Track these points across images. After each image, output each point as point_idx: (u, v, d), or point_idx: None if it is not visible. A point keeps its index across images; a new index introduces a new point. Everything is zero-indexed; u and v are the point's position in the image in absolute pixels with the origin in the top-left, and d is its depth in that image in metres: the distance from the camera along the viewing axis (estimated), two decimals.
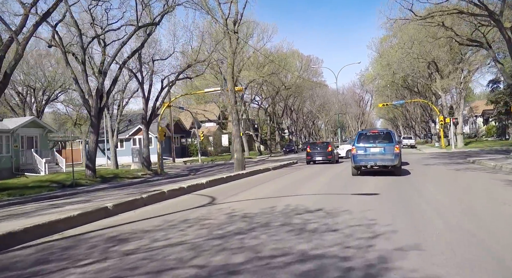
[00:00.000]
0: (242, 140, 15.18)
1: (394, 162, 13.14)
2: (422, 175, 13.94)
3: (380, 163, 13.31)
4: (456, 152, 31.56)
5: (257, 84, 49.18)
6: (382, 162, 13.29)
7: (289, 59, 48.88)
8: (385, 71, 45.06)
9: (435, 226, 5.53)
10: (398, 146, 13.56)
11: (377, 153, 13.44)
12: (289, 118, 72.39)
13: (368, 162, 13.44)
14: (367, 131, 14.31)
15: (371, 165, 13.45)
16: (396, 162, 13.15)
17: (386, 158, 13.26)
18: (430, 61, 35.75)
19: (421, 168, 16.92)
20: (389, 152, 13.29)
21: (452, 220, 5.94)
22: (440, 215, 6.35)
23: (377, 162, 13.34)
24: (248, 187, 11.76)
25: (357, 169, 14.01)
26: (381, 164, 13.33)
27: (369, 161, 13.43)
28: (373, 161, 13.36)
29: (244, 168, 16.97)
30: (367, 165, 13.47)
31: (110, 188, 16.82)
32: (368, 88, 68.18)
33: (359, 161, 13.61)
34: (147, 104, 25.96)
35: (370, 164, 13.41)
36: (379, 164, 13.34)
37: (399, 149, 13.55)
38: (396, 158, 13.16)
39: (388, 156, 13.27)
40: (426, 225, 5.61)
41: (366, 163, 13.47)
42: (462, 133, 37.27)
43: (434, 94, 46.26)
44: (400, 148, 14.02)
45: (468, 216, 6.22)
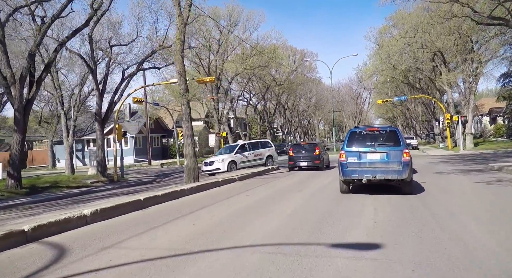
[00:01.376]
0: (195, 142, 11.14)
1: (403, 174, 8.93)
2: (442, 192, 9.67)
3: (382, 175, 9.10)
4: (467, 154, 27.33)
5: (243, 78, 44.89)
6: (384, 175, 9.08)
7: (279, 51, 44.50)
8: (384, 66, 40.84)
9: None
10: (407, 151, 9.20)
11: (377, 161, 9.24)
12: (282, 117, 68.09)
13: (363, 174, 9.20)
14: (363, 130, 9.88)
15: (367, 179, 9.18)
16: (405, 174, 8.93)
17: (391, 169, 9.05)
18: (435, 52, 31.51)
19: (435, 179, 12.67)
20: (395, 159, 9.11)
21: None
22: None
23: (376, 175, 9.11)
24: (171, 217, 7.45)
25: (347, 184, 9.75)
26: (383, 178, 9.10)
27: (366, 172, 9.19)
28: (371, 173, 9.13)
29: (198, 179, 12.68)
30: (362, 178, 9.21)
31: (20, 205, 12.60)
32: (366, 85, 63.84)
33: (350, 172, 9.33)
34: (101, 98, 21.62)
35: (366, 177, 9.17)
36: (380, 178, 9.12)
37: (409, 156, 9.16)
38: (405, 168, 8.95)
39: (393, 166, 9.07)
40: None
41: (361, 176, 9.23)
42: (471, 133, 33.05)
43: (438, 90, 42.14)
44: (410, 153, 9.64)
45: None
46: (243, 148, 21.72)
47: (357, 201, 8.54)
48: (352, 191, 9.97)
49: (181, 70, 12.11)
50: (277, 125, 73.44)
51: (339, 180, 9.83)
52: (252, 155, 21.48)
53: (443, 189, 10.23)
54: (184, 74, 12.27)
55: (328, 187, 11.28)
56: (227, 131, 43.79)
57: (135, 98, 28.91)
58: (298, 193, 10.35)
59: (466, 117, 32.19)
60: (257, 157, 21.69)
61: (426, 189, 10.16)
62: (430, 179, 12.58)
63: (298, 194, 10.14)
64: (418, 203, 8.10)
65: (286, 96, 60.25)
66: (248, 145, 22.27)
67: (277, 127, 75.07)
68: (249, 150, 21.69)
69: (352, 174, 9.29)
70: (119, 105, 22.53)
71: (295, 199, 9.28)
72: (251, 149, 21.88)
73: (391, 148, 9.19)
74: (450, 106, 36.73)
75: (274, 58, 38.86)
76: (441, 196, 9.05)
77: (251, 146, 22.38)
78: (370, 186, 10.25)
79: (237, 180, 13.61)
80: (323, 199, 9.10)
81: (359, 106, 66.22)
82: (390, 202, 8.26)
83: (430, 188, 10.44)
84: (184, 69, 12.49)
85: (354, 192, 9.92)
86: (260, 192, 10.78)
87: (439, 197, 8.84)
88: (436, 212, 6.95)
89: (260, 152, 22.00)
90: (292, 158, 18.69)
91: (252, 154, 21.54)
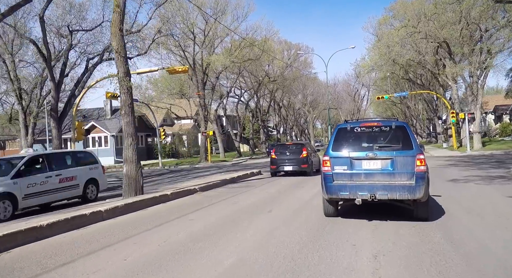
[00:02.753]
0: (136, 143, 8.58)
1: (416, 192, 6.01)
2: (471, 215, 6.75)
3: (384, 194, 6.15)
4: (476, 156, 24.49)
5: (232, 73, 41.91)
6: (388, 193, 6.14)
7: (272, 44, 41.46)
8: (384, 60, 37.97)
9: None
10: (423, 157, 6.27)
11: (377, 172, 6.32)
12: (277, 115, 65.09)
13: (357, 191, 6.29)
14: (357, 125, 6.89)
15: (364, 198, 6.25)
16: (420, 192, 6.00)
17: (398, 184, 6.13)
18: (440, 42, 28.60)
19: (453, 191, 9.75)
20: (404, 169, 6.20)
21: None
22: None
23: (376, 193, 6.18)
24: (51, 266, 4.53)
25: (334, 204, 6.85)
26: (387, 197, 6.17)
27: (360, 189, 6.28)
28: (368, 190, 6.22)
29: (141, 190, 9.71)
30: (355, 197, 6.29)
31: None
32: (365, 82, 60.88)
33: (337, 189, 6.41)
34: (57, 91, 18.63)
35: (361, 195, 6.25)
36: (381, 197, 6.18)
37: (425, 164, 6.24)
38: (420, 183, 6.03)
39: (401, 179, 6.17)
40: None
41: (353, 194, 6.31)
42: (479, 131, 30.17)
43: (441, 86, 39.26)
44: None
45: None
46: (34, 165, 10.49)
47: (347, 236, 5.58)
48: (342, 214, 7.05)
49: (119, 48, 9.16)
50: (272, 124, 70.45)
51: (323, 198, 6.87)
52: (54, 180, 10.55)
53: (470, 209, 7.31)
54: (123, 52, 9.33)
55: (309, 205, 8.32)
56: (215, 129, 40.81)
57: (109, 93, 26.07)
58: (265, 216, 7.38)
59: (473, 115, 29.32)
60: (65, 184, 10.89)
61: (447, 210, 7.24)
62: (446, 191, 9.68)
63: (264, 218, 7.15)
64: (442, 239, 5.17)
65: (281, 93, 57.23)
66: (45, 159, 10.75)
67: (272, 126, 72.12)
68: (48, 169, 10.56)
69: (341, 191, 6.36)
70: (79, 99, 19.53)
71: (254, 229, 6.29)
72: (54, 167, 10.78)
73: (398, 152, 6.28)
74: (455, 102, 33.86)
75: (265, 50, 35.83)
76: (472, 223, 6.14)
77: (53, 160, 11.00)
78: (367, 204, 7.35)
79: (197, 191, 10.65)
80: (295, 230, 6.06)
81: (357, 103, 63.18)
82: (399, 239, 5.32)
83: (451, 207, 7.52)
84: (124, 46, 9.55)
85: (344, 215, 7.00)
86: (213, 214, 7.77)
87: (472, 226, 5.92)
88: (479, 264, 4.02)
89: (71, 173, 11.16)
90: (274, 161, 15.70)
91: (54, 177, 10.59)
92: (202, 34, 33.91)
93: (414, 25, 28.86)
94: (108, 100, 40.70)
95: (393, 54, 32.68)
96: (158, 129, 33.86)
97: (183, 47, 34.19)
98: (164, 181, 18.74)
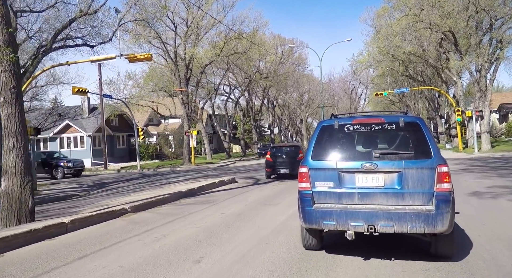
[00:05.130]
0: (25, 146, 6.24)
1: (438, 222, 3.99)
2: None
3: (389, 225, 4.09)
4: (488, 158, 21.71)
5: (220, 68, 39.07)
6: (394, 223, 4.07)
7: (262, 36, 38.61)
8: (382, 55, 35.30)
9: None
10: (446, 170, 4.15)
11: (377, 191, 4.32)
12: (270, 115, 62.23)
13: (348, 219, 4.24)
14: (348, 122, 4.72)
15: (358, 229, 4.21)
16: (443, 222, 3.98)
17: (410, 209, 4.13)
18: (445, 32, 25.80)
19: (478, 209, 6.97)
20: (418, 188, 4.19)
21: None
22: None
23: (377, 223, 4.12)
24: None
25: (315, 235, 4.75)
26: (392, 230, 4.09)
27: (353, 216, 4.23)
28: (365, 218, 4.17)
29: (30, 217, 6.58)
30: (346, 229, 4.25)
31: None
32: (362, 79, 57.97)
33: (320, 215, 4.37)
34: None
35: (355, 226, 4.21)
36: (384, 229, 4.12)
37: (449, 179, 4.12)
38: (443, 208, 4.03)
39: (414, 202, 4.19)
40: None
41: (343, 224, 4.26)
42: (488, 131, 27.37)
43: (444, 82, 36.56)
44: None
45: None
46: None
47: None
48: (326, 247, 4.93)
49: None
50: (267, 124, 67.58)
51: (301, 226, 4.78)
52: None
53: (509, 239, 4.53)
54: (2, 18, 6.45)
55: (282, 235, 5.49)
56: (201, 129, 37.94)
57: (76, 88, 23.20)
58: (194, 269, 4.53)
59: (481, 113, 26.53)
60: None
61: (474, 239, 4.65)
62: (468, 209, 6.91)
63: (193, 271, 4.31)
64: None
65: (275, 91, 54.36)
66: None
67: (267, 125, 69.27)
68: None
69: (324, 220, 4.36)
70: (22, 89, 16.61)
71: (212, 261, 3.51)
72: None
73: (409, 162, 4.30)
74: (460, 100, 31.11)
75: (254, 43, 32.97)
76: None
77: None
78: (359, 242, 4.62)
79: (128, 211, 7.75)
80: None
81: (354, 102, 60.26)
82: None
83: (480, 234, 4.86)
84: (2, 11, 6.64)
85: (330, 249, 4.85)
86: (106, 264, 4.84)
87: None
88: None
89: None
90: (270, 164, 15.05)
91: None
92: (184, 25, 31.05)
93: (416, 13, 26.09)
94: (86, 98, 37.84)
95: (392, 47, 29.93)
96: (136, 129, 30.99)
97: (164, 39, 31.33)
98: (124, 189, 15.84)
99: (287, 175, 14.59)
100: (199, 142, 47.57)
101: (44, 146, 36.06)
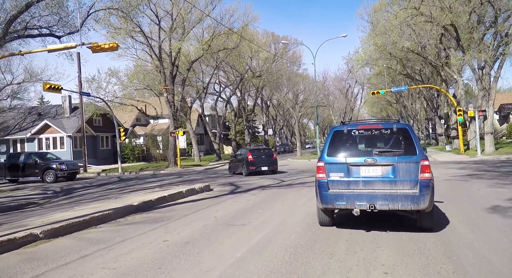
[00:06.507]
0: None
1: (420, 202, 5.39)
2: None
3: (385, 204, 5.47)
4: (494, 162, 20.00)
5: (208, 66, 37.21)
6: (389, 203, 5.45)
7: (254, 33, 36.79)
8: (379, 53, 33.67)
9: None
10: (427, 164, 5.53)
11: (377, 180, 5.68)
12: (264, 115, 60.41)
13: (355, 200, 5.58)
14: (354, 127, 6.18)
15: (362, 208, 5.54)
16: (424, 202, 5.38)
17: (400, 193, 5.51)
18: (446, 26, 24.07)
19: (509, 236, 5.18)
20: (406, 177, 5.58)
21: None
22: None
23: (376, 202, 5.50)
24: None
25: (329, 214, 6.17)
26: (387, 208, 5.47)
27: (358, 198, 5.57)
28: (367, 200, 5.53)
29: None
30: (353, 207, 5.60)
31: None
32: (358, 79, 56.15)
33: (333, 198, 5.73)
34: None
35: (359, 205, 5.55)
36: (381, 207, 5.49)
37: (430, 171, 5.54)
38: (424, 192, 5.41)
39: (404, 188, 5.56)
40: None
41: (351, 204, 5.59)
42: (492, 132, 25.67)
43: (444, 80, 34.92)
44: None
45: None
46: None
47: None
48: (338, 224, 6.16)
49: None
50: (260, 125, 65.75)
51: (317, 207, 6.21)
52: None
53: None
54: None
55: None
56: (189, 129, 36.05)
57: (47, 84, 21.24)
58: None
59: (485, 113, 24.81)
60: None
61: None
62: (498, 236, 5.09)
63: None
64: None
65: (269, 90, 52.49)
66: None
67: (258, 126, 67.47)
68: None
69: (337, 201, 5.74)
70: None
71: None
72: None
73: (400, 157, 5.71)
74: (462, 99, 29.44)
75: (244, 37, 31.13)
76: None
77: None
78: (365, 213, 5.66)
79: (40, 238, 5.64)
80: None
81: (350, 102, 58.47)
82: None
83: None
84: None
85: (339, 225, 6.06)
86: None
87: None
88: None
89: None
90: (252, 163, 18.23)
91: None
92: (169, 18, 29.16)
93: (416, 6, 24.36)
94: (67, 96, 35.85)
95: (390, 43, 28.23)
96: (118, 129, 29.02)
97: (148, 34, 29.44)
98: (88, 197, 13.88)
99: (268, 171, 18.27)
100: (189, 143, 45.68)
101: (21, 147, 34.02)
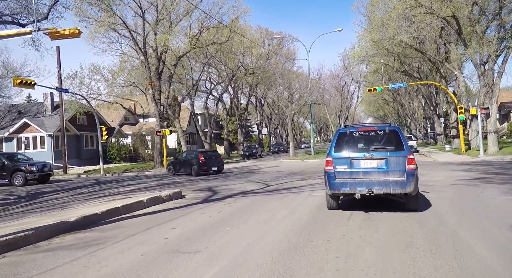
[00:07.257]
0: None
1: (407, 187, 7.11)
2: None
3: (380, 189, 7.27)
4: (499, 162, 18.54)
5: (198, 62, 35.60)
6: (383, 188, 7.25)
7: (247, 28, 35.19)
8: (376, 49, 32.22)
9: None
10: (412, 157, 7.27)
11: (373, 170, 7.44)
12: (258, 114, 58.86)
13: (356, 187, 7.36)
14: (355, 130, 7.99)
15: (362, 192, 7.29)
16: (410, 187, 7.10)
17: (392, 180, 7.23)
18: (448, 17, 22.59)
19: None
20: (396, 167, 7.28)
21: None
22: None
23: (373, 188, 7.27)
24: None
25: (336, 199, 7.95)
26: (382, 192, 7.28)
27: (359, 185, 7.36)
28: (365, 186, 7.32)
29: None
30: (355, 192, 7.35)
31: None
32: (354, 76, 54.68)
33: (339, 185, 7.49)
34: None
35: (360, 190, 7.32)
36: (377, 192, 7.29)
37: (414, 163, 7.27)
38: (410, 180, 7.12)
39: (394, 176, 7.26)
40: None
41: (353, 189, 7.37)
42: (495, 131, 24.24)
43: (444, 77, 33.48)
44: None
45: None
46: None
47: None
48: (342, 207, 7.98)
49: None
50: (254, 124, 64.16)
51: (326, 193, 8.01)
52: None
53: None
54: None
55: None
56: (177, 129, 34.45)
57: (18, 79, 19.64)
58: None
59: (488, 110, 23.39)
60: None
61: None
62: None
63: None
64: None
65: (263, 89, 50.93)
66: None
67: (251, 125, 65.89)
68: None
69: (342, 187, 7.51)
70: None
71: None
72: None
73: (391, 153, 7.41)
74: (462, 97, 28.01)
75: (235, 31, 29.54)
76: None
77: None
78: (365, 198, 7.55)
79: None
80: None
81: (346, 100, 56.95)
82: None
83: None
84: None
85: (344, 208, 7.77)
86: None
87: None
88: None
89: None
90: (204, 163, 20.41)
91: None
92: (154, 10, 27.54)
93: None
94: (48, 94, 34.16)
95: (386, 38, 26.79)
96: (100, 128, 27.39)
97: (132, 27, 27.85)
98: (51, 203, 12.27)
99: (216, 171, 20.97)
100: (180, 142, 44.03)
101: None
